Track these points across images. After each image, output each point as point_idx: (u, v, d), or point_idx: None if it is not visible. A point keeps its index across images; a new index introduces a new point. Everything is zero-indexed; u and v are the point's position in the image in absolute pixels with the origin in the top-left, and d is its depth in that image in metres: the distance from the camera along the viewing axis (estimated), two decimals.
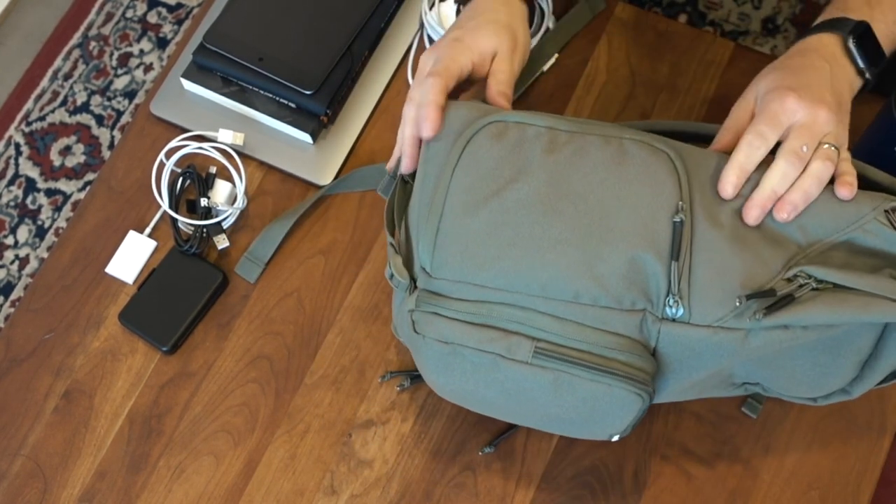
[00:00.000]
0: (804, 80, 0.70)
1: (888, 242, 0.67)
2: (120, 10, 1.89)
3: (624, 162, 0.67)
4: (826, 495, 0.80)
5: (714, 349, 0.66)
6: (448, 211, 0.67)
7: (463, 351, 0.66)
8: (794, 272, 0.65)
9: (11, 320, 0.91)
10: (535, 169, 0.67)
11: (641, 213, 0.66)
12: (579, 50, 0.97)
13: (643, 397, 0.65)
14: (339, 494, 0.82)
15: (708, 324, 0.65)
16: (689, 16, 1.75)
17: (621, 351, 0.65)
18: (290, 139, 0.94)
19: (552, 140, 0.68)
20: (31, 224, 1.73)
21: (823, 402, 0.74)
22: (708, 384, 0.72)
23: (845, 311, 0.63)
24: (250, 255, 0.90)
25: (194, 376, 0.87)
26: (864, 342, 0.68)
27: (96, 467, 0.85)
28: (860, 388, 0.72)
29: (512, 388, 0.66)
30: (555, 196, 0.66)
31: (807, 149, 0.67)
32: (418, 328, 0.67)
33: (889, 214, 0.67)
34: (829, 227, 0.67)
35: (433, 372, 0.68)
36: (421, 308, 0.67)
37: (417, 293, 0.67)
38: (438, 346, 0.66)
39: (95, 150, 1.78)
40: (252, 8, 0.95)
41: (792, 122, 0.68)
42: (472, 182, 0.67)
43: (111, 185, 0.95)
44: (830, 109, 0.68)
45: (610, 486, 0.81)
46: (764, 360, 0.69)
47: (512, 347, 0.65)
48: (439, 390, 0.72)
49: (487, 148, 0.68)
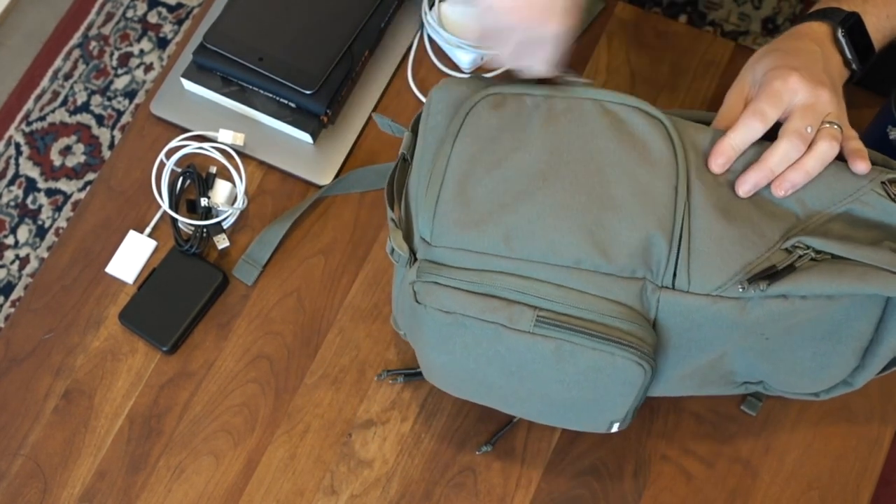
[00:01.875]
0: (802, 61, 0.70)
1: (886, 213, 0.67)
2: (120, 10, 1.89)
3: (622, 130, 0.68)
4: (826, 495, 0.80)
5: (713, 320, 0.65)
6: (449, 179, 0.68)
7: (465, 321, 0.66)
8: (792, 242, 0.65)
9: (11, 320, 0.91)
10: (535, 138, 0.68)
11: (640, 181, 0.66)
12: (579, 50, 0.97)
13: (645, 368, 0.65)
14: (339, 494, 0.82)
15: (707, 292, 0.65)
16: (689, 16, 1.75)
17: (622, 320, 0.65)
18: (290, 139, 0.94)
19: (550, 108, 0.69)
20: (31, 224, 1.73)
21: (826, 395, 0.75)
22: (708, 378, 0.72)
23: (843, 281, 0.64)
24: (248, 257, 0.90)
25: (194, 376, 0.87)
26: (863, 326, 0.68)
27: (96, 467, 0.85)
28: (862, 377, 0.72)
29: (513, 362, 0.66)
30: (555, 163, 0.67)
31: (811, 129, 0.67)
32: (420, 298, 0.67)
33: (886, 186, 0.67)
34: (827, 199, 0.67)
35: (434, 348, 0.68)
36: (422, 278, 0.67)
37: (419, 264, 0.68)
38: (440, 316, 0.66)
39: (95, 149, 1.78)
40: (252, 8, 0.95)
41: (793, 101, 0.68)
42: (473, 152, 0.68)
43: (111, 184, 0.95)
44: (830, 90, 0.69)
45: (610, 485, 0.81)
46: (764, 352, 0.69)
47: (514, 316, 0.65)
48: (438, 376, 0.72)
49: (487, 118, 0.69)
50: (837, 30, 0.73)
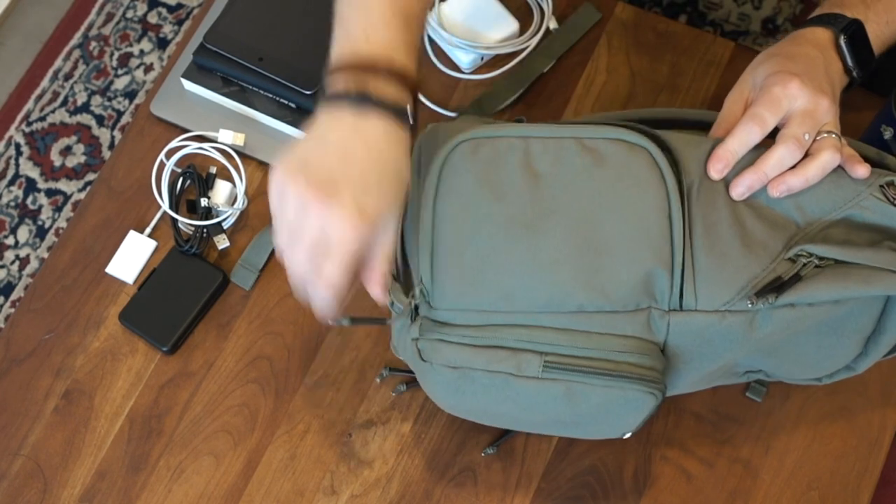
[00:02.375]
0: (803, 67, 0.70)
1: (886, 217, 0.67)
2: (120, 10, 1.89)
3: (605, 166, 0.66)
4: (826, 495, 0.80)
5: (724, 335, 0.65)
6: (438, 244, 0.66)
7: (472, 374, 0.65)
8: (795, 251, 0.65)
9: (11, 320, 0.91)
10: (516, 187, 0.66)
11: (630, 218, 0.65)
12: (579, 50, 0.97)
13: (656, 395, 0.65)
14: (339, 494, 0.82)
15: (715, 308, 0.65)
16: (689, 16, 1.75)
17: (631, 353, 0.64)
18: (290, 139, 0.94)
19: (526, 151, 0.67)
20: (31, 224, 1.73)
21: (828, 380, 0.75)
22: (713, 375, 0.72)
23: (848, 285, 0.64)
24: (244, 262, 0.90)
25: (194, 376, 0.87)
26: (866, 319, 0.69)
27: (96, 467, 0.85)
28: (865, 363, 0.72)
29: (525, 402, 0.66)
30: (540, 214, 0.65)
31: (808, 136, 0.67)
32: (425, 356, 0.66)
33: (885, 189, 0.67)
34: (827, 206, 0.67)
35: (443, 396, 0.68)
36: (426, 336, 0.66)
37: (420, 321, 0.67)
38: (447, 371, 0.66)
39: (96, 150, 1.78)
40: (252, 8, 0.95)
41: (792, 107, 0.68)
42: (455, 211, 0.66)
43: (111, 185, 0.95)
44: (830, 99, 0.68)
45: (610, 486, 0.81)
46: (770, 349, 0.69)
47: (521, 365, 0.64)
48: (449, 410, 0.72)
49: (463, 172, 0.67)
50: (840, 37, 0.72)
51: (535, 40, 0.96)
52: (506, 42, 0.96)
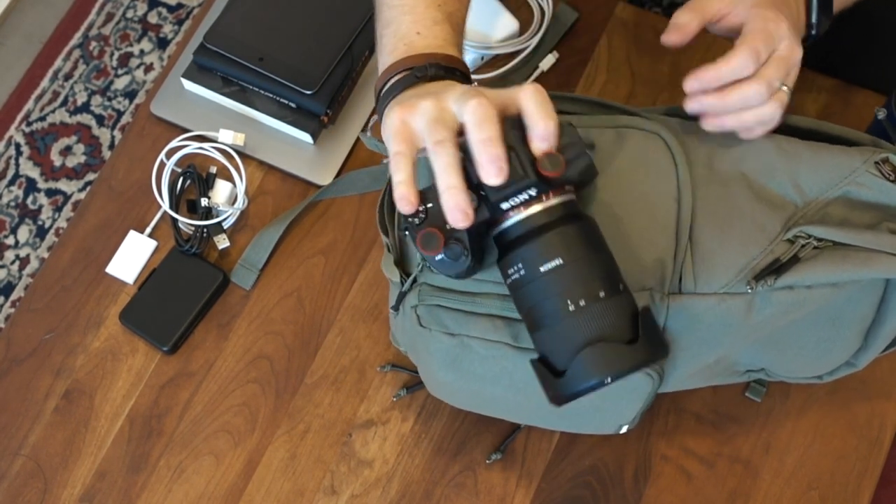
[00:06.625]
0: (787, 13, 0.68)
1: (883, 194, 0.67)
2: (120, 10, 1.89)
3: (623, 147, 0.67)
4: (826, 495, 0.80)
5: (722, 318, 0.65)
6: None
7: (470, 342, 0.65)
8: (793, 233, 0.65)
9: (12, 320, 0.91)
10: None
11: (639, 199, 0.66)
12: (579, 50, 0.97)
13: (653, 377, 0.64)
14: (339, 494, 0.82)
15: (714, 291, 0.65)
16: None
17: None
18: (290, 139, 0.94)
19: None
20: (31, 224, 1.73)
21: (829, 378, 0.75)
22: (713, 371, 0.72)
23: (847, 268, 0.64)
24: (244, 262, 0.90)
25: (194, 376, 0.87)
26: (865, 309, 0.68)
27: (96, 467, 0.85)
28: (865, 357, 0.72)
29: (520, 379, 0.66)
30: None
31: (779, 84, 0.65)
32: (423, 322, 0.67)
33: (880, 165, 0.67)
34: (823, 183, 0.67)
35: (441, 368, 0.68)
36: (424, 301, 0.67)
37: (419, 287, 0.67)
38: (445, 338, 0.66)
39: (96, 150, 1.78)
40: (252, 8, 0.95)
41: (778, 48, 0.66)
42: None
43: (111, 185, 0.95)
44: (800, 50, 0.67)
45: (610, 485, 0.81)
46: (769, 342, 0.69)
47: (518, 334, 0.65)
48: (443, 392, 0.72)
49: None
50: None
51: (535, 40, 0.96)
52: (506, 42, 0.96)
